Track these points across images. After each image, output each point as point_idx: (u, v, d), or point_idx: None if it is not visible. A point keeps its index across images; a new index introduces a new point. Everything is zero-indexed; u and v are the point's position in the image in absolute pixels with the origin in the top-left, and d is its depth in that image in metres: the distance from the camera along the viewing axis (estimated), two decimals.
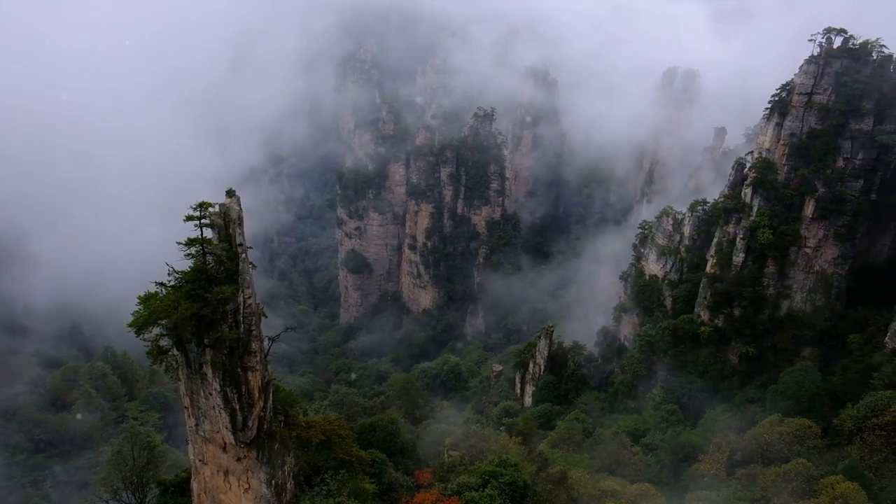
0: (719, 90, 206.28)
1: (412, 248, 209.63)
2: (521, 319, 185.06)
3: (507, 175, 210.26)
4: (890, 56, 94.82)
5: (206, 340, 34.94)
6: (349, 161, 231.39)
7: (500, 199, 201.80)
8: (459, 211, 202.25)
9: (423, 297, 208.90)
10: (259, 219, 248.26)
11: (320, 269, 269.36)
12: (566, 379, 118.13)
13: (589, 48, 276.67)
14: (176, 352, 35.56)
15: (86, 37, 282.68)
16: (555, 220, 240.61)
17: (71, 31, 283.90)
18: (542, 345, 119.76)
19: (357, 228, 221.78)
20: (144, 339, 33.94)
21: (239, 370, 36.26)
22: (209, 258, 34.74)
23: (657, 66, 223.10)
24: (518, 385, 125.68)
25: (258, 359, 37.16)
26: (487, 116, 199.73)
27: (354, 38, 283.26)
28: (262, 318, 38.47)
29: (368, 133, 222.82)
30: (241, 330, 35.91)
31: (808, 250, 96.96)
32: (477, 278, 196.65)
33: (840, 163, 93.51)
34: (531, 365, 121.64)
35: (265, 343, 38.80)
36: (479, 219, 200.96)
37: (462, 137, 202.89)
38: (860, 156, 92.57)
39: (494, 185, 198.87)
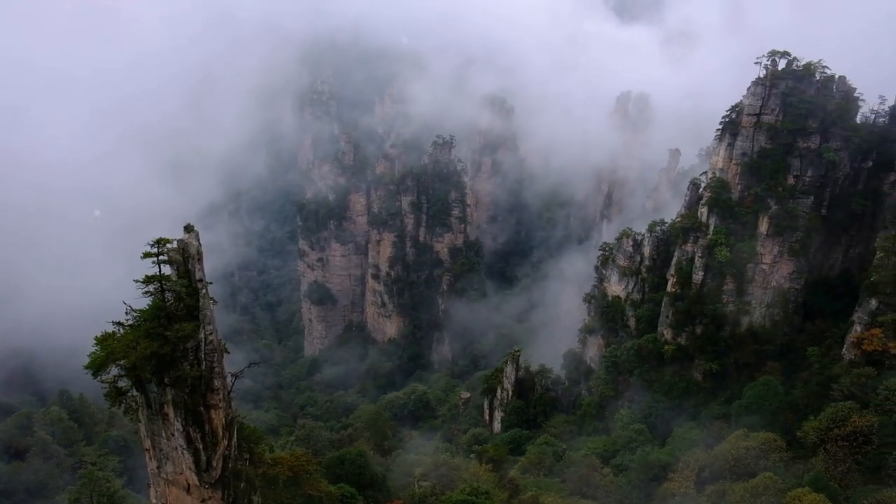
0: (673, 112, 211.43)
1: (376, 277, 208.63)
2: (487, 345, 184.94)
3: (469, 201, 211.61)
4: (832, 76, 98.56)
5: (166, 379, 34.14)
6: (309, 192, 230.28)
7: (462, 225, 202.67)
8: (422, 239, 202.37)
9: (389, 327, 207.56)
10: (219, 253, 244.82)
11: (283, 302, 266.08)
12: (534, 403, 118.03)
13: (545, 76, 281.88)
14: (135, 392, 34.68)
15: (40, 65, 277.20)
16: (517, 245, 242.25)
17: (24, 58, 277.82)
18: (509, 370, 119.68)
19: (319, 260, 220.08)
20: (102, 381, 33.03)
21: (201, 409, 35.44)
22: (168, 295, 34.11)
23: (612, 90, 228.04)
24: (486, 411, 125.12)
25: (221, 396, 36.38)
26: (447, 144, 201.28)
27: (312, 70, 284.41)
28: (225, 354, 37.76)
29: (328, 164, 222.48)
30: (203, 367, 35.17)
31: (764, 266, 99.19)
32: (442, 306, 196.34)
33: (790, 180, 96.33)
34: (499, 390, 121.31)
35: (228, 379, 38.05)
36: (442, 246, 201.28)
37: (422, 165, 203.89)
38: (809, 173, 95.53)
39: (456, 212, 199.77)
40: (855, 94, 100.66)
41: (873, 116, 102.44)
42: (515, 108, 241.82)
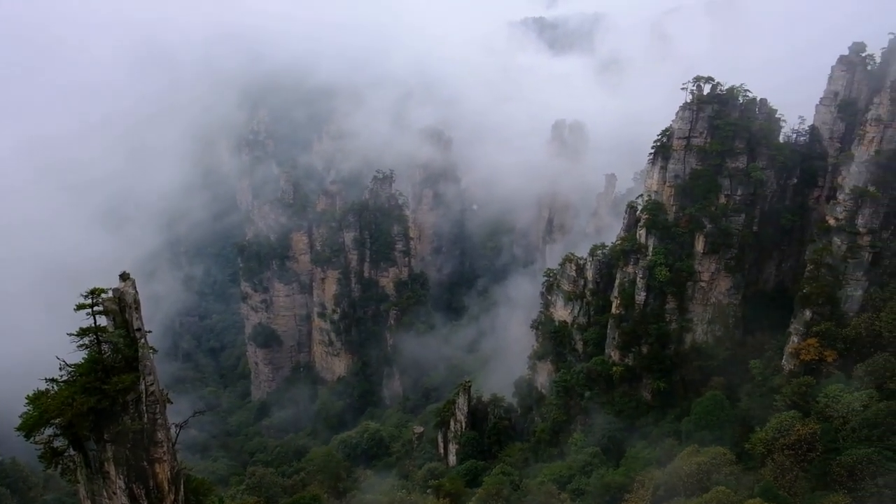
0: (609, 138, 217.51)
1: (322, 316, 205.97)
2: (438, 378, 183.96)
3: (412, 234, 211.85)
4: (754, 99, 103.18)
5: (106, 435, 32.70)
6: (250, 233, 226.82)
7: (407, 259, 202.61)
8: (366, 274, 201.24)
9: (337, 365, 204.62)
10: (158, 300, 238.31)
11: (227, 347, 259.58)
12: (488, 433, 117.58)
13: (482, 107, 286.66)
14: (72, 451, 33.04)
15: None
16: (462, 275, 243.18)
17: None
18: (461, 401, 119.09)
19: (263, 301, 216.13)
20: (36, 442, 31.40)
21: (145, 463, 34.03)
22: (105, 347, 32.85)
23: (549, 119, 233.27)
24: (441, 444, 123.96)
25: (166, 449, 35.03)
26: (387, 178, 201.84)
27: (249, 110, 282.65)
28: (168, 405, 36.49)
29: (268, 204, 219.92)
30: (145, 420, 33.87)
31: (703, 284, 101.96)
32: (390, 341, 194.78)
33: (722, 199, 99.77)
34: (452, 422, 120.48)
35: (172, 431, 36.72)
36: (387, 280, 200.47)
37: (363, 201, 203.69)
38: (739, 192, 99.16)
39: (399, 246, 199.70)
40: (776, 115, 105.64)
41: (795, 136, 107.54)
42: (455, 140, 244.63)
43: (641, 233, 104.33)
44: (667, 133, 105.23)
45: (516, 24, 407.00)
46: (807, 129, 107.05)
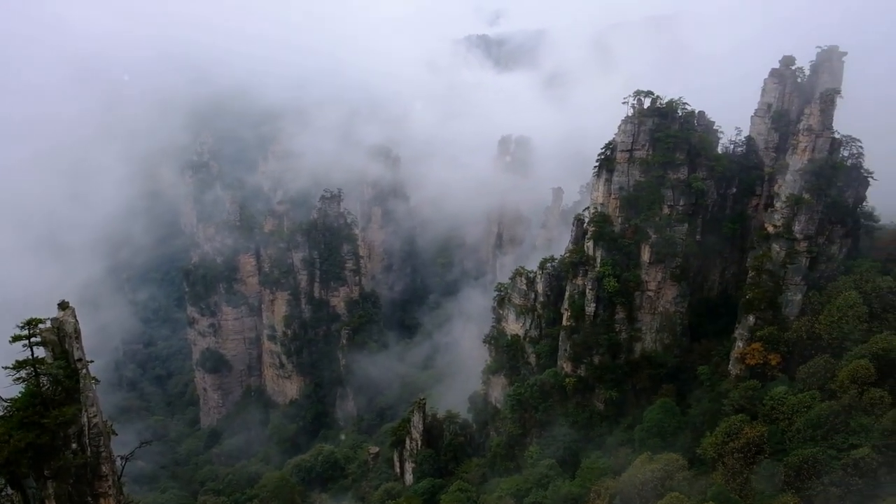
0: (556, 152, 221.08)
1: (272, 338, 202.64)
2: (392, 397, 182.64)
3: (361, 253, 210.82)
4: (692, 112, 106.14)
5: (46, 472, 31.29)
6: (195, 257, 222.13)
7: (357, 277, 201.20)
8: (317, 294, 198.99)
9: (289, 388, 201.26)
10: (100, 329, 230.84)
11: (174, 374, 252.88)
12: (444, 450, 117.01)
13: (430, 124, 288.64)
14: (10, 490, 31.49)
15: None
16: (414, 293, 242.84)
17: None
18: (416, 419, 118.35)
19: (211, 325, 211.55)
20: None
21: (89, 499, 32.70)
22: (43, 379, 31.53)
23: (496, 135, 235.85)
24: (397, 464, 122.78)
25: (111, 482, 33.74)
26: (335, 197, 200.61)
27: (191, 132, 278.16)
28: (112, 436, 35.22)
29: (213, 226, 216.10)
30: (88, 453, 32.58)
31: (650, 293, 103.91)
32: (342, 361, 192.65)
33: (666, 210, 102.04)
34: (408, 441, 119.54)
35: (118, 463, 35.42)
36: (338, 300, 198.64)
37: (312, 220, 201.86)
38: (682, 202, 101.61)
39: (349, 265, 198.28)
40: (714, 127, 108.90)
41: (732, 146, 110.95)
42: (403, 157, 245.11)
43: (589, 245, 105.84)
44: (610, 146, 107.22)
45: (460, 41, 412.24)
46: (743, 139, 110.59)
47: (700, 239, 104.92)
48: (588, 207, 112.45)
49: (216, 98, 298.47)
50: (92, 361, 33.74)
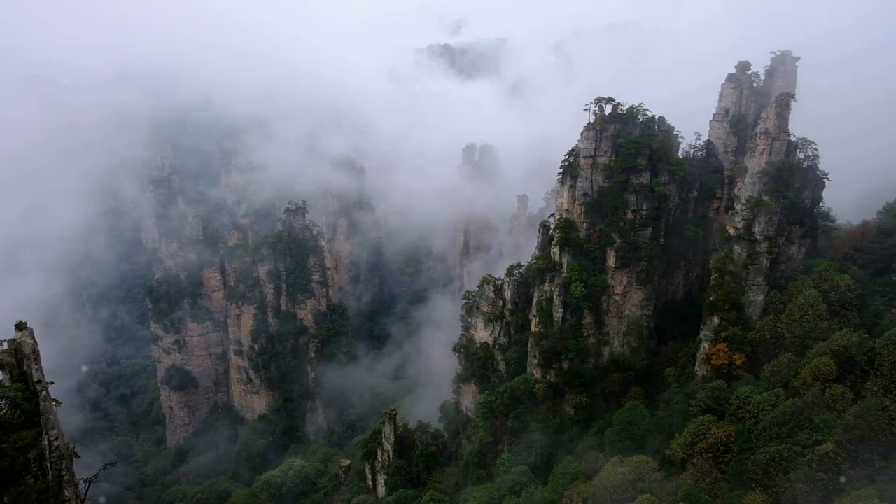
0: (521, 159, 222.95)
1: (239, 353, 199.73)
2: (363, 408, 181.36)
3: (328, 265, 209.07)
4: (653, 118, 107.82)
5: (6, 498, 30.30)
6: (158, 273, 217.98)
7: (324, 289, 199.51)
8: (284, 308, 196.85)
9: (258, 403, 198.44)
10: (61, 349, 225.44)
11: (138, 393, 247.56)
12: (416, 460, 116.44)
13: (394, 134, 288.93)
14: None
15: None
16: (383, 303, 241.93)
17: None
18: (387, 430, 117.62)
19: (176, 342, 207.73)
20: None
21: None
22: (1, 403, 30.57)
23: (462, 144, 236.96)
24: (369, 476, 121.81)
25: None
26: (300, 209, 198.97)
27: (150, 147, 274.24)
28: (75, 459, 34.25)
29: (175, 241, 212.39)
30: (50, 478, 31.61)
31: (616, 297, 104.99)
32: (311, 374, 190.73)
33: (629, 215, 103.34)
34: (379, 453, 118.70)
35: (81, 487, 34.46)
36: (305, 313, 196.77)
37: (277, 233, 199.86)
38: (645, 206, 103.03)
39: (316, 277, 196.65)
40: (674, 132, 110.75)
41: (692, 151, 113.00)
42: (370, 168, 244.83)
43: (555, 251, 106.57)
44: (573, 153, 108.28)
45: (422, 51, 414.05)
46: (703, 143, 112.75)
47: (664, 242, 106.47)
48: (553, 214, 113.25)
49: (178, 111, 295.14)
50: (52, 383, 32.86)
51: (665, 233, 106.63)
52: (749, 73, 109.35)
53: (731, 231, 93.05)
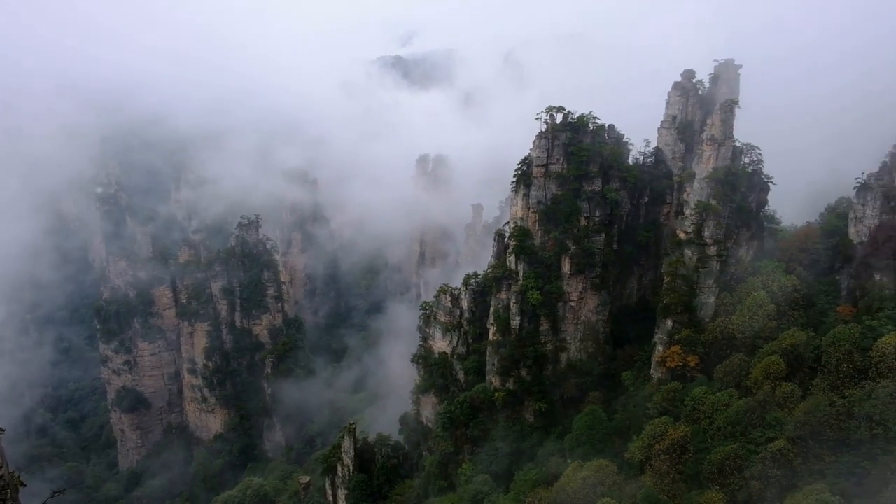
0: (476, 169, 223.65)
1: (192, 372, 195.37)
2: (322, 423, 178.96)
3: (283, 279, 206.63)
4: (603, 126, 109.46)
5: None
6: (106, 292, 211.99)
7: (279, 304, 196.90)
8: (238, 324, 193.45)
9: (213, 422, 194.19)
10: (5, 375, 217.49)
11: (88, 416, 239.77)
12: (377, 474, 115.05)
13: (349, 146, 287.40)
14: None
15: None
16: (339, 316, 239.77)
17: None
18: (347, 444, 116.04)
19: (126, 363, 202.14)
20: None
21: None
22: None
23: (417, 154, 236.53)
24: (329, 492, 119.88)
25: None
26: (253, 223, 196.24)
27: (95, 164, 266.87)
28: (21, 489, 32.72)
29: (124, 259, 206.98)
30: None
31: (572, 304, 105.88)
32: (268, 390, 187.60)
33: (583, 221, 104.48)
34: (339, 468, 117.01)
35: None
36: (261, 328, 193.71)
37: (230, 248, 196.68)
38: (598, 213, 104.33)
39: (271, 292, 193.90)
40: (624, 140, 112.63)
41: (642, 157, 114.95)
42: (324, 180, 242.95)
43: (511, 259, 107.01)
44: (526, 161, 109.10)
45: (374, 62, 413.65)
46: (652, 150, 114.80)
47: (617, 248, 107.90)
48: (508, 222, 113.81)
49: (126, 126, 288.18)
50: None
51: (618, 238, 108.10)
52: (694, 80, 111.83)
53: (682, 235, 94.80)
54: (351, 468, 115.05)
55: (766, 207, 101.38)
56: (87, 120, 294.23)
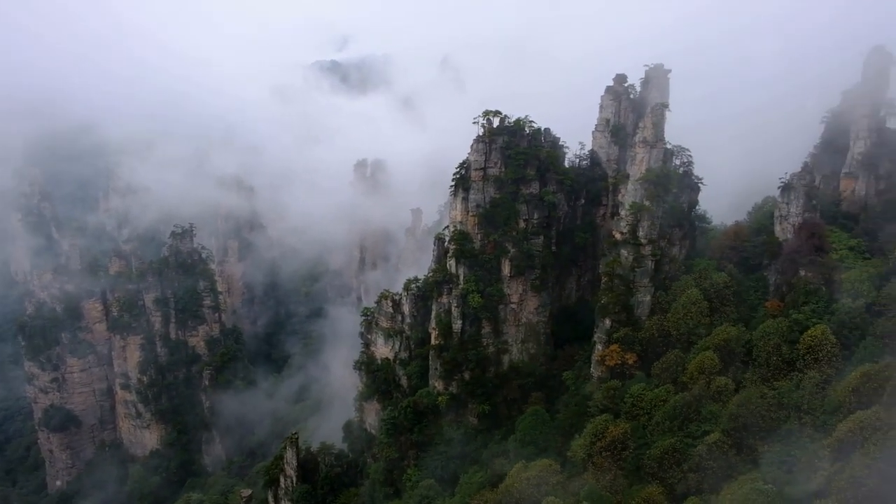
0: (416, 173, 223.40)
1: (125, 387, 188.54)
2: (263, 434, 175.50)
3: (220, 288, 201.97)
4: (539, 129, 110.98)
5: None
6: (31, 307, 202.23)
7: (216, 314, 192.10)
8: (173, 336, 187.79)
9: (149, 438, 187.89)
10: None
11: (13, 438, 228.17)
12: (321, 484, 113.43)
13: (286, 152, 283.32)
14: None
15: None
16: (279, 325, 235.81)
17: None
18: (289, 455, 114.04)
19: (54, 380, 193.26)
20: None
21: None
22: None
23: (355, 159, 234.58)
24: None
25: None
26: (186, 232, 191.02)
27: (15, 174, 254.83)
28: None
29: (50, 272, 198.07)
30: None
31: (513, 306, 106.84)
32: (206, 403, 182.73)
33: (522, 224, 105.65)
34: (282, 479, 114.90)
35: None
36: (197, 339, 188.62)
37: (163, 258, 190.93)
38: (536, 216, 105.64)
39: (207, 302, 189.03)
40: (560, 143, 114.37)
41: (577, 160, 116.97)
42: (260, 187, 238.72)
43: (451, 263, 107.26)
44: (465, 165, 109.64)
45: (309, 67, 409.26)
46: (587, 153, 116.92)
47: (556, 249, 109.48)
48: (448, 226, 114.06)
49: (50, 134, 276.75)
50: None
51: (556, 240, 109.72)
52: (626, 85, 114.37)
53: (618, 236, 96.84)
54: (294, 479, 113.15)
55: (698, 207, 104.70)
56: (5, 127, 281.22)
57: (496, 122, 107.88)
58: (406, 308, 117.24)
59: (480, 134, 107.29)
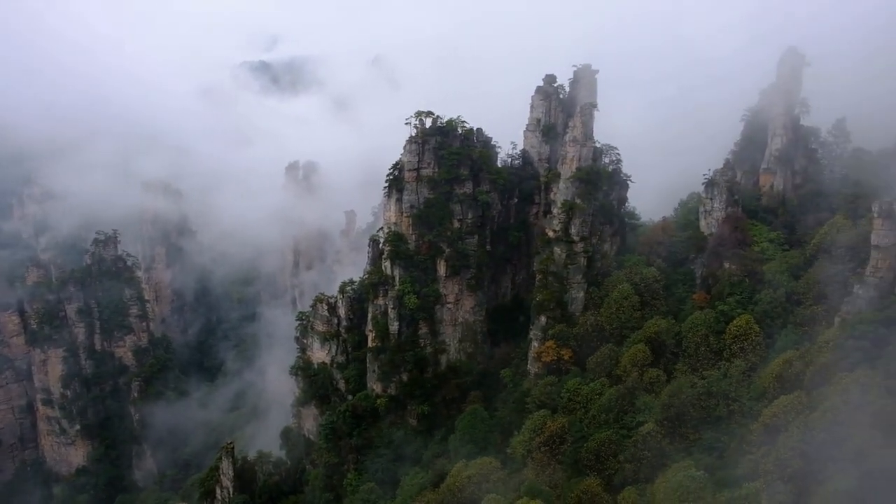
0: (349, 175, 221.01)
1: (47, 402, 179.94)
2: (197, 446, 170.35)
3: (147, 296, 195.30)
4: (471, 129, 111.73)
5: None
6: None
7: (144, 323, 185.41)
8: (98, 347, 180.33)
9: (74, 455, 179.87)
10: None
11: None
12: (259, 493, 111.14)
13: (215, 154, 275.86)
14: None
15: None
16: (211, 332, 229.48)
17: None
18: (225, 465, 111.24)
19: None
20: None
21: None
22: None
23: (286, 161, 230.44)
24: None
25: None
26: (110, 239, 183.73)
27: None
28: None
29: None
30: None
31: (449, 306, 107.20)
32: (136, 416, 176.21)
33: (456, 224, 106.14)
34: (218, 490, 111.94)
35: None
36: (124, 350, 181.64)
37: (85, 267, 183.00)
38: (470, 215, 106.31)
39: (134, 311, 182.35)
40: (492, 143, 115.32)
41: (510, 160, 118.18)
42: (189, 190, 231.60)
43: (387, 264, 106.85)
44: (398, 166, 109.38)
45: (237, 67, 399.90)
46: (519, 153, 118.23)
47: (490, 248, 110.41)
48: (382, 228, 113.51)
49: None
50: None
51: (490, 239, 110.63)
52: (555, 85, 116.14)
53: (551, 234, 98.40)
54: (231, 490, 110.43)
55: (627, 204, 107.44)
56: None
57: (429, 122, 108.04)
58: (342, 311, 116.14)
59: (413, 135, 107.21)
